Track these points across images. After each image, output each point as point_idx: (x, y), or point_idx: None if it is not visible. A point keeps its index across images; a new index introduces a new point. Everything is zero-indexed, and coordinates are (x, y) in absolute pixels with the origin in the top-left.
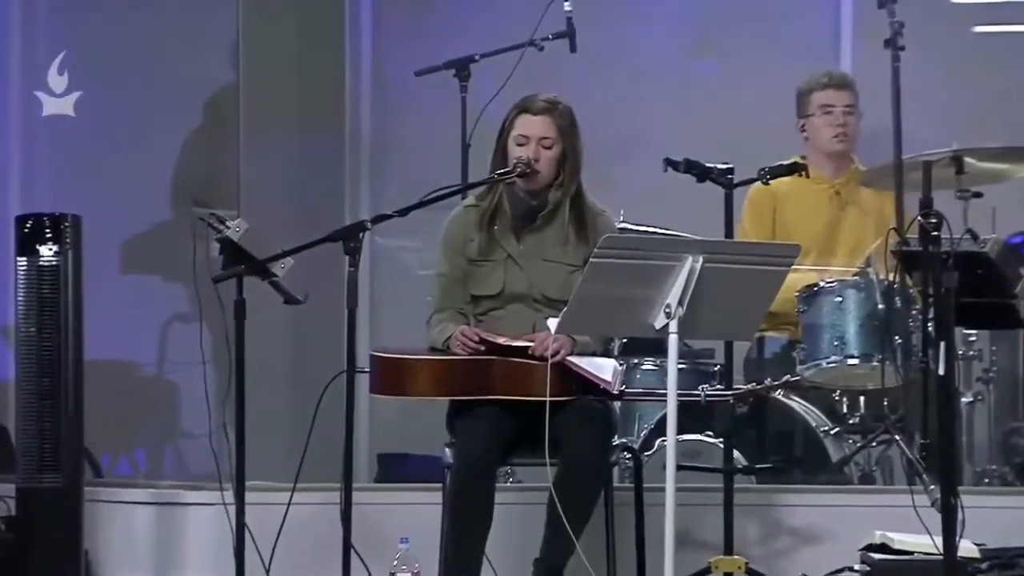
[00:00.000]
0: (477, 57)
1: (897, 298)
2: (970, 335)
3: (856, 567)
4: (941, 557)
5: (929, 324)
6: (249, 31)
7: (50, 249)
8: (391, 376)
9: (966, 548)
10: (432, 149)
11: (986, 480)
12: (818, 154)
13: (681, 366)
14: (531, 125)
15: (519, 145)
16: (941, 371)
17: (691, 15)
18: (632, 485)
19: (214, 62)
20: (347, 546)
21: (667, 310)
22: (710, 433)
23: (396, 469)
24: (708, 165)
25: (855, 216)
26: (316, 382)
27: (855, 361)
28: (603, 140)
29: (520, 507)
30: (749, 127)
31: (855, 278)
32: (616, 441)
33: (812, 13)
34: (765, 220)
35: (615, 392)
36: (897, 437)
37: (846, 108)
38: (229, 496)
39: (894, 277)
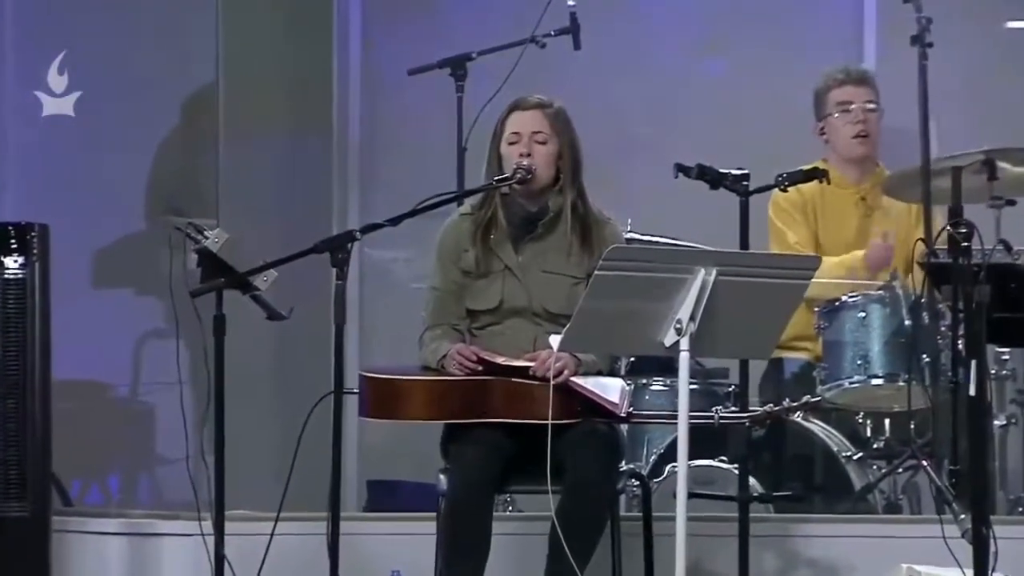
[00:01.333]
0: (474, 55)
1: (925, 313)
2: (1003, 353)
3: None
4: None
5: (959, 341)
6: (230, 25)
7: (16, 261)
8: (382, 398)
9: None
10: (426, 153)
11: (1020, 509)
12: (840, 158)
13: (693, 387)
14: (522, 121)
15: (511, 144)
16: (972, 392)
17: (703, 10)
18: (640, 514)
19: (192, 58)
20: None
21: (678, 326)
22: (724, 458)
23: (387, 497)
24: (722, 171)
25: (882, 223)
26: (301, 404)
27: (880, 381)
28: (609, 143)
29: (520, 538)
30: (764, 130)
31: (880, 292)
32: (623, 467)
33: (833, 8)
34: (805, 224)
35: (622, 414)
36: (925, 463)
37: (866, 105)
38: (208, 526)
39: (922, 291)
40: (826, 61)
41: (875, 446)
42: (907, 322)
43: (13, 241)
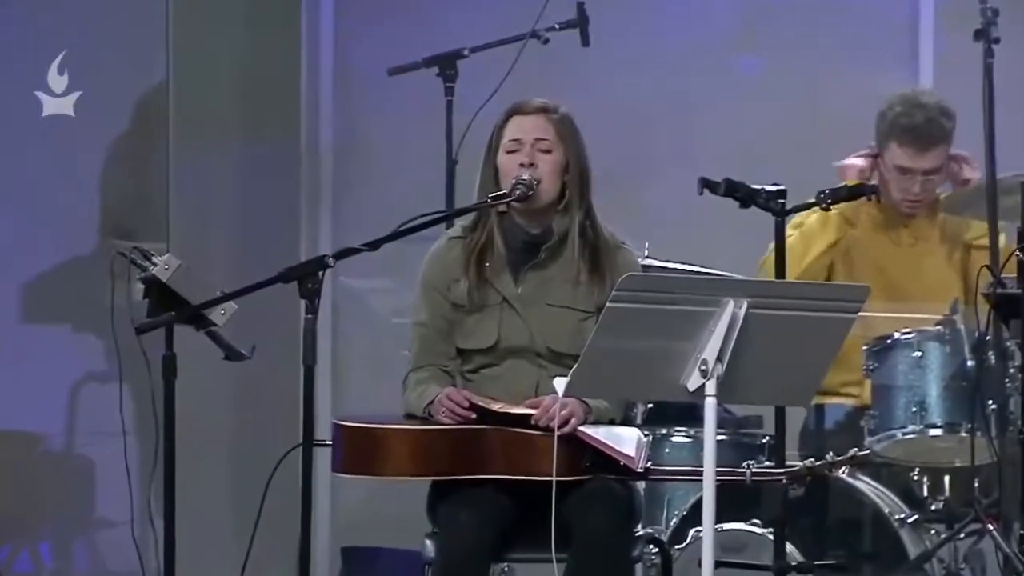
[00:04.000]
0: (466, 52)
1: (990, 353)
2: None
3: None
4: None
5: None
6: (182, 19)
7: None
8: (359, 450)
9: None
10: (410, 167)
11: None
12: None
13: (721, 438)
14: (523, 126)
15: (510, 153)
16: None
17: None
18: None
19: (143, 57)
20: None
21: (703, 368)
22: (757, 521)
23: (364, 566)
24: (754, 187)
25: (929, 252)
26: (265, 457)
27: (938, 431)
28: (622, 155)
29: None
30: (804, 139)
31: (937, 328)
32: (640, 531)
33: None
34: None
35: (639, 470)
36: (991, 526)
37: (927, 172)
38: None
39: (987, 327)
40: (876, 59)
41: (933, 507)
42: (970, 363)
43: None
